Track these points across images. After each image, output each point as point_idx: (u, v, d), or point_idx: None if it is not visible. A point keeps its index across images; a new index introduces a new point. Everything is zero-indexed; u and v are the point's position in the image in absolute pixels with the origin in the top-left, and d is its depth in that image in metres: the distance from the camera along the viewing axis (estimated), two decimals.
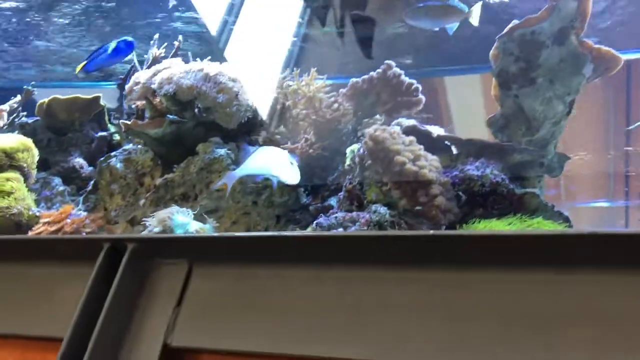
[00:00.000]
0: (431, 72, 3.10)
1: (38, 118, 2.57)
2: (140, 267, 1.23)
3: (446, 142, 2.02)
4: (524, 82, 1.95)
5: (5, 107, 2.30)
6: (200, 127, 2.21)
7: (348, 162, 1.92)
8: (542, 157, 1.97)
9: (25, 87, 2.69)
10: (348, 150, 1.96)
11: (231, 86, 2.05)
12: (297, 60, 3.17)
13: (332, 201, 1.97)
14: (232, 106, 2.03)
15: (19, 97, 2.49)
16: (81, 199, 2.27)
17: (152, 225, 1.73)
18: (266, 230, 2.09)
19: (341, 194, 1.81)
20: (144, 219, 1.80)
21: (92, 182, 2.29)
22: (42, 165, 2.45)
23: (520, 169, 1.94)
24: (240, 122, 2.14)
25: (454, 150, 2.02)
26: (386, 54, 2.46)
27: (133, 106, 2.30)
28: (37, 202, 2.24)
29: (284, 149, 2.06)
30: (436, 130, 2.10)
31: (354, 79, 2.25)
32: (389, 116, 2.20)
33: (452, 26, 2.24)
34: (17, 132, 2.54)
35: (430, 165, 1.72)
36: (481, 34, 2.26)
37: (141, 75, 2.25)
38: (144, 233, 1.30)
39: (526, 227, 1.65)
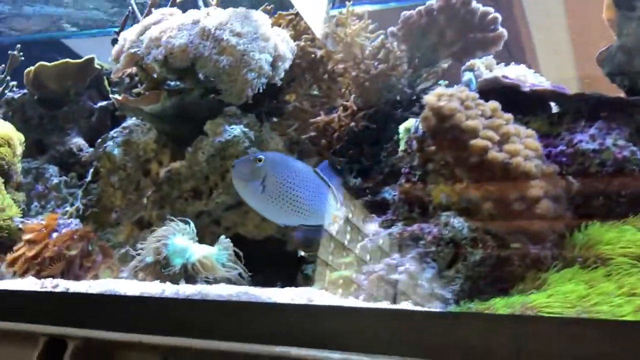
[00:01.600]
0: None
1: (26, 91, 2.13)
2: None
3: (542, 97, 1.44)
4: None
5: None
6: (209, 94, 1.71)
7: (402, 146, 1.38)
8: None
9: (10, 52, 2.24)
10: (401, 129, 1.41)
11: (235, 44, 1.51)
12: None
13: (387, 194, 1.46)
14: (241, 72, 1.50)
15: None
16: (80, 192, 1.85)
17: (144, 256, 1.29)
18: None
19: (395, 195, 1.30)
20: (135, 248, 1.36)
21: (91, 170, 1.86)
22: (36, 148, 2.05)
23: None
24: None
25: (555, 109, 1.44)
26: None
27: (127, 73, 1.80)
28: (29, 201, 1.85)
29: (314, 124, 1.54)
30: (527, 78, 1.51)
31: (406, 12, 1.65)
32: (458, 61, 1.61)
33: None
34: (2, 110, 2.12)
35: (526, 148, 1.17)
36: None
37: (127, 35, 1.74)
38: (89, 331, 0.86)
39: None
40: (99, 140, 1.85)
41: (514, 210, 1.13)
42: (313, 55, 1.69)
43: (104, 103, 2.10)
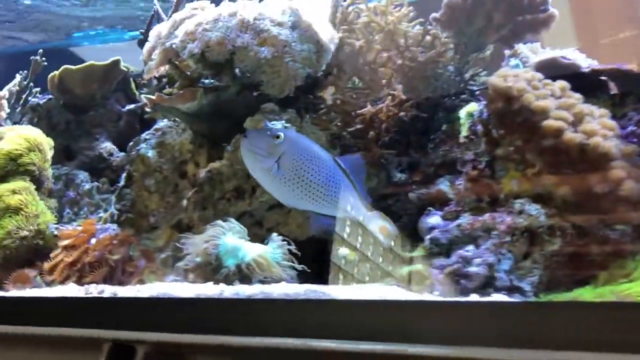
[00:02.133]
0: None
1: (51, 96, 2.07)
2: None
3: (602, 77, 1.36)
4: None
5: (4, 92, 1.80)
6: (246, 91, 1.64)
7: (464, 132, 1.30)
8: None
9: (32, 57, 2.18)
10: (462, 114, 1.34)
11: (276, 34, 1.44)
12: None
13: (443, 185, 1.38)
14: (283, 63, 1.43)
15: (18, 77, 2.00)
16: (113, 197, 1.78)
17: (192, 257, 1.22)
18: None
19: (459, 182, 1.22)
20: (184, 243, 1.29)
21: (124, 174, 1.80)
22: (64, 154, 1.99)
23: None
24: None
25: (614, 89, 1.36)
26: None
27: (157, 75, 1.74)
28: (61, 208, 1.79)
29: (360, 116, 1.47)
30: (581, 59, 1.44)
31: None
32: (507, 46, 1.53)
33: None
34: (29, 116, 2.06)
35: (603, 128, 1.09)
36: None
37: (161, 31, 1.68)
38: (159, 335, 0.79)
39: None
40: (131, 143, 1.78)
41: (594, 194, 1.06)
42: (352, 47, 1.62)
43: (131, 106, 2.04)
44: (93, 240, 1.47)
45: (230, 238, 1.22)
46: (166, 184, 1.66)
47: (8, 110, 1.87)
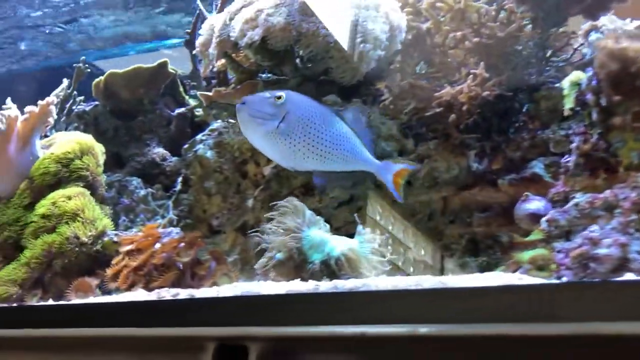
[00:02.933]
0: None
1: (97, 103, 2.00)
2: None
3: None
4: None
5: (52, 98, 1.73)
6: (307, 83, 1.55)
7: (569, 104, 1.18)
8: None
9: (75, 65, 2.12)
10: (566, 83, 1.21)
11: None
12: None
13: (537, 168, 1.26)
14: (354, 44, 1.33)
15: (65, 82, 1.94)
16: (170, 203, 1.70)
17: (274, 252, 1.11)
18: (428, 220, 1.43)
19: (569, 159, 1.10)
20: (261, 238, 1.18)
21: (180, 179, 1.71)
22: (114, 161, 1.91)
23: None
24: None
25: None
26: None
27: (214, 69, 1.65)
28: (116, 216, 1.70)
29: (438, 100, 1.36)
30: None
31: None
32: (591, 17, 1.42)
33: None
34: (75, 124, 2.00)
35: None
36: None
37: (214, 23, 1.60)
38: (275, 329, 0.69)
39: None
40: (185, 146, 1.70)
41: None
42: (417, 30, 1.52)
43: (181, 109, 1.96)
44: (157, 245, 1.37)
45: (314, 231, 1.12)
46: (228, 184, 1.56)
47: (56, 117, 1.80)
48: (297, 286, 0.98)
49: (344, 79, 1.41)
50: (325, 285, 0.94)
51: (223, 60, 1.64)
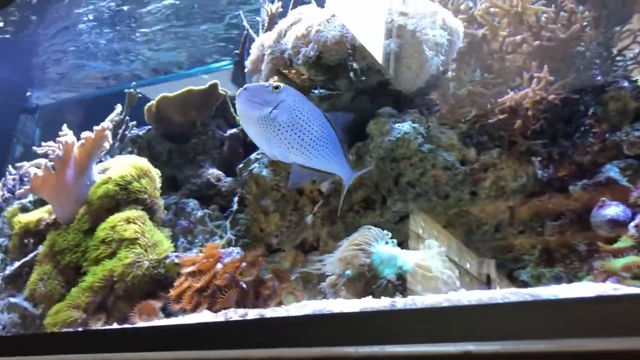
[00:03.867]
0: None
1: (150, 127, 2.03)
2: None
3: None
4: None
5: (106, 124, 1.76)
6: (361, 97, 1.53)
7: None
8: None
9: (126, 90, 2.16)
10: None
11: (402, 23, 1.32)
12: None
13: (612, 172, 1.20)
14: (414, 52, 1.30)
15: (119, 108, 1.97)
16: (227, 223, 1.69)
17: (334, 268, 1.08)
18: (495, 231, 1.38)
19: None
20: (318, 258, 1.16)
21: (236, 199, 1.70)
22: (170, 184, 1.92)
23: None
24: None
25: None
26: None
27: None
28: (174, 238, 1.70)
29: (501, 106, 1.31)
30: None
31: None
32: None
33: None
34: (129, 148, 2.02)
35: None
36: None
37: (265, 41, 1.60)
38: (368, 349, 0.66)
39: None
40: (240, 166, 1.70)
41: None
42: (472, 36, 1.48)
43: (233, 130, 1.96)
44: (219, 265, 1.36)
45: (382, 246, 1.08)
46: (285, 202, 1.55)
47: (111, 142, 1.82)
48: (372, 303, 0.94)
49: (404, 87, 1.38)
50: (403, 302, 0.90)
51: (275, 77, 1.63)
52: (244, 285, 1.27)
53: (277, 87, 1.15)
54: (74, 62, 3.10)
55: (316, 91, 1.59)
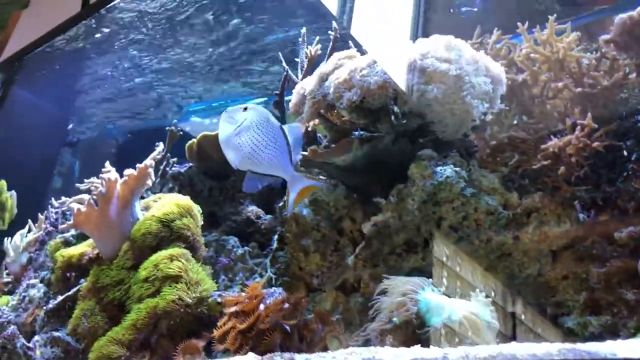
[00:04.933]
0: None
1: (191, 164, 2.08)
2: None
3: None
4: None
5: (149, 161, 1.81)
6: (402, 139, 1.55)
7: None
8: None
9: (167, 128, 2.22)
10: None
11: (446, 69, 1.35)
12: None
13: None
14: (457, 99, 1.33)
15: (161, 146, 2.03)
16: (268, 261, 1.72)
17: (386, 317, 1.09)
18: (538, 275, 1.38)
19: None
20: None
21: (275, 237, 1.73)
22: (209, 221, 1.95)
23: None
24: None
25: None
26: None
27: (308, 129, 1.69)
28: (215, 275, 1.73)
29: (544, 152, 1.33)
30: None
31: (622, 15, 1.44)
32: None
33: None
34: (170, 185, 2.07)
35: None
36: None
37: (305, 86, 1.64)
38: None
39: None
40: (280, 204, 1.73)
41: None
42: (513, 81, 1.50)
43: None
44: (262, 306, 1.37)
45: (430, 294, 1.09)
46: (326, 242, 1.57)
47: (154, 179, 1.87)
48: (424, 353, 0.95)
49: (447, 133, 1.40)
50: (456, 354, 0.91)
51: (316, 120, 1.67)
52: (288, 329, 1.29)
53: (245, 109, 1.43)
54: (114, 95, 3.20)
55: (356, 133, 1.62)
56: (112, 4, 2.80)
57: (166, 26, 2.78)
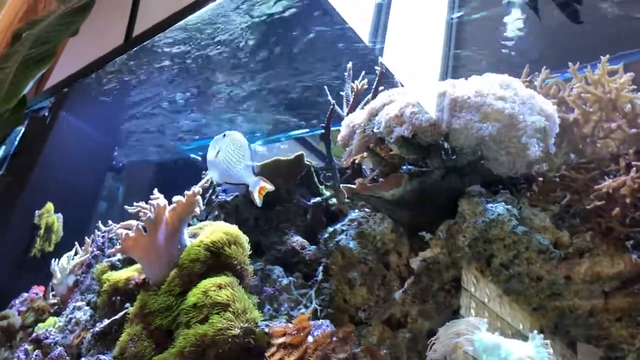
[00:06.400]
0: None
1: (237, 193, 2.12)
2: None
3: None
4: None
5: (197, 188, 1.85)
6: (451, 175, 1.56)
7: None
8: None
9: None
10: None
11: (501, 108, 1.36)
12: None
13: None
14: (512, 137, 1.34)
15: (209, 175, 2.07)
16: (313, 292, 1.73)
17: (439, 356, 1.09)
18: (589, 316, 1.36)
19: None
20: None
21: (320, 268, 1.75)
22: (254, 250, 1.98)
23: None
24: None
25: None
26: None
27: (356, 162, 1.71)
28: (260, 305, 1.75)
29: (597, 192, 1.32)
30: None
31: None
32: None
33: None
34: (216, 212, 2.11)
35: None
36: None
37: (354, 120, 1.67)
38: None
39: None
40: (325, 235, 1.74)
41: None
42: (564, 120, 1.51)
43: (316, 199, 2.02)
44: (310, 339, 1.39)
45: (486, 334, 1.09)
46: (373, 276, 1.57)
47: (202, 207, 1.91)
48: None
49: (501, 171, 1.41)
50: None
51: (364, 154, 1.69)
52: None
53: (224, 135, 1.79)
54: (159, 122, 3.29)
55: (405, 167, 1.64)
56: (153, 37, 2.89)
57: (223, 63, 2.87)
